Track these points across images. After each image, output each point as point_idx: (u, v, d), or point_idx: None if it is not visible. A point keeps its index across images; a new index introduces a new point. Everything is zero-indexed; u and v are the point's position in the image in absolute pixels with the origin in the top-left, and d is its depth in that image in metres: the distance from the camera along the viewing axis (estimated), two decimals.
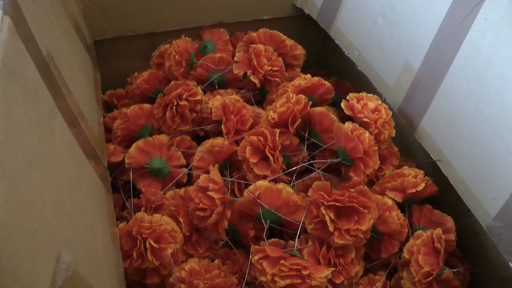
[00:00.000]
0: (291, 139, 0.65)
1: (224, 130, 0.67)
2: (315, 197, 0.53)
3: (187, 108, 0.68)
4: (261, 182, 0.55)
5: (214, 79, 0.79)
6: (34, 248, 0.28)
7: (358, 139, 0.56)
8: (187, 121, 0.70)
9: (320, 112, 0.65)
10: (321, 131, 0.66)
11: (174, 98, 0.68)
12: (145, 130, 0.72)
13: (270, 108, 0.67)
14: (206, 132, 0.74)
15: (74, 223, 0.38)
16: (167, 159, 0.68)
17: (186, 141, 0.70)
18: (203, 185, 0.55)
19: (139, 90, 0.78)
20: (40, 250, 0.29)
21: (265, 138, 0.61)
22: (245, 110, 0.69)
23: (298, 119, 0.63)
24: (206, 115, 0.72)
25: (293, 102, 0.64)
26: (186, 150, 0.70)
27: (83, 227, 0.41)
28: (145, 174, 0.68)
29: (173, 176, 0.68)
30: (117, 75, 0.85)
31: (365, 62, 0.70)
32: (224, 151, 0.65)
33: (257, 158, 0.60)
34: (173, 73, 0.78)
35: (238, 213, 0.58)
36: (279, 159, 0.60)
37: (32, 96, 0.36)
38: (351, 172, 0.59)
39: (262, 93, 0.80)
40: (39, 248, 0.29)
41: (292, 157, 0.66)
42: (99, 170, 0.56)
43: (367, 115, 0.60)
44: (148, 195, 0.64)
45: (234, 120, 0.67)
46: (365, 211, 0.51)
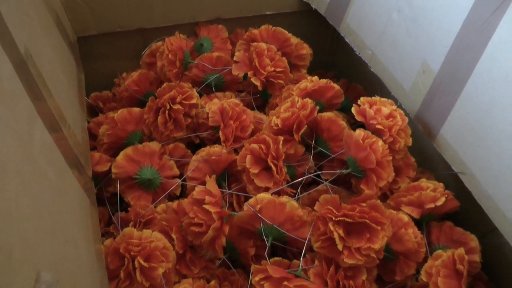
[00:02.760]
0: (296, 147, 0.65)
1: (222, 137, 0.67)
2: (323, 212, 0.53)
3: (181, 112, 0.68)
4: (263, 195, 0.55)
5: (211, 81, 0.79)
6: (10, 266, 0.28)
7: (370, 148, 0.56)
8: (181, 127, 0.70)
9: (328, 118, 0.65)
10: (329, 139, 0.66)
11: (167, 101, 0.68)
12: (134, 136, 0.72)
13: (273, 113, 0.67)
14: (202, 140, 0.74)
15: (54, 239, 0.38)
16: (159, 168, 0.68)
17: (180, 149, 0.70)
18: (198, 197, 0.55)
19: (127, 92, 0.78)
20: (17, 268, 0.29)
21: (267, 146, 0.61)
22: (245, 115, 0.70)
23: (303, 126, 0.63)
24: (202, 120, 0.72)
25: (299, 106, 0.64)
26: (180, 159, 0.70)
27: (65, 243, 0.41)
28: (134, 185, 0.68)
29: (165, 187, 0.68)
30: (103, 76, 0.85)
31: (378, 62, 0.70)
32: (221, 161, 0.65)
33: (258, 168, 0.60)
34: (166, 73, 0.78)
35: (237, 229, 0.58)
36: (282, 169, 0.60)
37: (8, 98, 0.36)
38: (363, 185, 0.58)
39: (264, 97, 0.80)
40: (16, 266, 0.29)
41: (297, 167, 0.66)
42: (82, 180, 0.56)
43: (381, 121, 0.60)
44: (137, 208, 0.64)
45: (233, 126, 0.67)
46: (378, 227, 0.51)
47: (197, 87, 0.77)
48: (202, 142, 0.74)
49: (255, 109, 0.77)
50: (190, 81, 0.79)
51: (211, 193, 0.56)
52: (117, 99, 0.83)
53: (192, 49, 0.84)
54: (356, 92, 0.88)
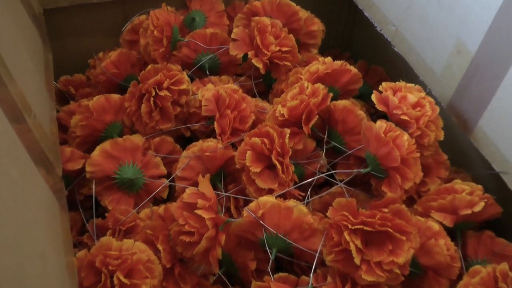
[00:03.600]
0: (305, 142, 0.65)
1: (217, 129, 0.67)
2: (337, 219, 0.52)
3: (168, 100, 0.68)
4: (266, 198, 0.55)
5: (204, 63, 0.79)
6: None
7: (394, 143, 0.56)
8: (168, 118, 0.70)
9: (344, 107, 0.65)
10: (344, 132, 0.66)
11: (152, 87, 0.68)
12: (112, 128, 0.72)
13: (277, 101, 0.67)
14: (193, 132, 0.74)
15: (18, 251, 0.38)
16: (142, 166, 0.68)
17: (168, 143, 0.70)
18: (189, 201, 0.55)
19: (104, 76, 0.78)
20: None
21: (271, 140, 0.61)
22: (245, 103, 0.69)
23: (314, 116, 0.63)
24: (194, 109, 0.72)
25: (308, 93, 0.64)
26: (168, 155, 0.70)
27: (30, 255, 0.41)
28: (112, 186, 0.67)
29: (150, 189, 0.68)
30: (75, 56, 0.85)
31: (403, 41, 0.70)
32: (217, 157, 0.65)
33: (261, 166, 0.60)
34: (151, 53, 0.78)
35: (235, 239, 0.58)
36: (289, 168, 0.60)
37: None
38: (384, 187, 0.59)
39: (267, 82, 0.80)
40: None
41: (307, 165, 0.66)
42: (51, 180, 0.55)
43: (406, 111, 0.60)
44: (117, 214, 0.64)
45: (230, 116, 0.67)
46: (403, 238, 0.51)
47: (187, 70, 0.77)
48: (193, 136, 0.74)
49: (256, 96, 0.77)
50: (180, 63, 0.78)
51: (204, 196, 0.56)
52: (92, 83, 0.83)
53: (181, 24, 0.83)
54: (377, 76, 0.88)
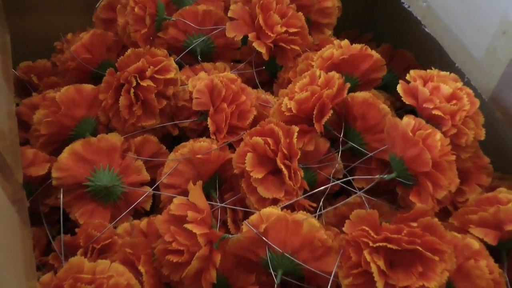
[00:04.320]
0: (317, 142, 0.65)
1: (211, 127, 0.67)
2: (355, 235, 0.52)
3: (152, 91, 0.68)
4: (270, 209, 0.55)
5: (195, 46, 0.79)
6: None
7: (424, 144, 0.56)
8: (152, 113, 0.70)
9: (364, 100, 0.65)
10: (365, 129, 0.65)
11: (132, 75, 0.68)
12: (85, 126, 0.72)
13: (284, 93, 0.67)
14: (182, 130, 0.74)
15: None
16: (121, 172, 0.68)
17: (151, 143, 0.70)
18: (177, 213, 0.55)
19: (74, 62, 0.78)
20: None
21: (276, 140, 0.61)
22: (244, 95, 0.69)
23: (328, 111, 0.63)
24: (183, 103, 0.72)
25: (321, 84, 0.64)
26: (151, 158, 0.70)
27: None
28: (84, 196, 0.68)
29: (130, 199, 0.68)
30: (37, 38, 0.85)
31: (436, 19, 0.70)
32: (211, 161, 0.65)
33: (263, 171, 0.60)
34: (131, 35, 0.78)
35: (233, 259, 0.58)
36: (297, 173, 0.60)
37: None
38: (413, 196, 0.58)
39: (271, 70, 0.79)
40: None
41: (319, 170, 0.66)
42: (9, 188, 0.55)
43: (439, 105, 0.60)
44: (89, 229, 0.63)
45: (227, 111, 0.67)
46: (435, 258, 0.50)
47: (175, 55, 0.77)
48: (182, 134, 0.74)
49: (258, 87, 0.77)
50: (166, 47, 0.78)
51: (195, 207, 0.56)
52: (59, 71, 0.83)
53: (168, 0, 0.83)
54: (404, 62, 0.88)
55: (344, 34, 0.97)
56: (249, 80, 0.79)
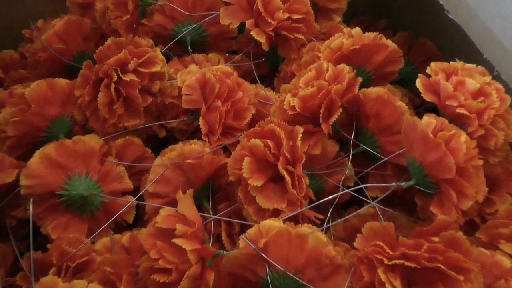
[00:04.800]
0: (325, 145, 0.65)
1: (203, 127, 0.67)
2: (368, 251, 0.52)
3: (136, 87, 0.68)
4: (270, 222, 0.54)
5: (185, 35, 0.79)
6: None
7: (447, 147, 0.56)
8: (136, 111, 0.70)
9: (378, 96, 0.65)
10: (379, 130, 0.66)
11: (113, 68, 0.68)
12: (58, 126, 0.72)
13: (286, 89, 0.67)
14: (170, 132, 0.74)
15: None
16: (99, 179, 0.68)
17: (135, 146, 0.71)
18: (165, 226, 0.55)
19: (46, 53, 0.78)
20: None
21: (278, 142, 0.61)
22: (241, 92, 0.69)
23: (337, 109, 0.63)
24: (171, 100, 0.72)
25: (329, 78, 0.64)
26: (135, 163, 0.70)
27: None
28: (57, 207, 0.68)
29: (110, 210, 0.68)
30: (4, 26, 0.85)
31: (461, 4, 0.70)
32: (203, 166, 0.65)
33: (263, 178, 0.60)
34: (111, 22, 0.78)
35: (228, 278, 0.58)
36: (302, 180, 0.60)
37: None
38: (434, 206, 0.58)
39: (272, 62, 0.80)
40: None
41: (326, 177, 0.66)
42: None
43: (465, 102, 0.60)
44: (63, 245, 0.63)
45: (221, 109, 0.67)
46: (460, 277, 0.50)
47: (162, 46, 0.77)
48: (171, 136, 0.74)
49: (257, 81, 0.77)
50: (151, 36, 0.79)
51: (185, 219, 0.56)
52: (28, 63, 0.83)
53: None
54: (425, 53, 0.88)
55: (356, 21, 0.97)
56: (247, 74, 0.79)
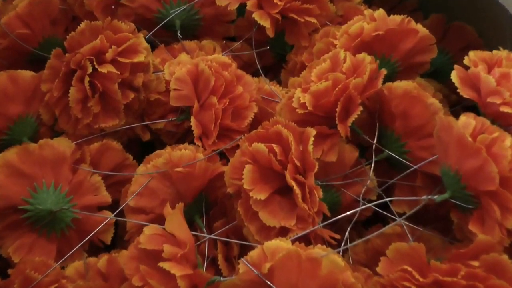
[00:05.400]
0: (342, 150, 0.65)
1: (196, 129, 0.67)
2: (394, 277, 0.52)
3: (115, 80, 0.68)
4: (276, 243, 0.54)
5: (173, 18, 0.80)
6: None
7: (489, 153, 0.56)
8: (115, 110, 0.70)
9: (406, 92, 0.65)
10: (406, 133, 0.66)
11: (88, 58, 0.68)
12: (21, 127, 0.72)
13: (296, 83, 0.67)
14: (156, 134, 0.75)
15: None
16: (71, 191, 0.68)
17: (114, 152, 0.71)
18: (150, 248, 0.55)
19: (6, 39, 0.78)
20: None
21: (285, 147, 0.61)
22: (241, 86, 0.70)
23: (357, 108, 0.63)
24: (157, 96, 0.73)
25: (347, 69, 0.64)
26: (113, 172, 0.70)
27: None
28: (20, 224, 0.67)
29: (84, 228, 0.68)
30: None
31: None
32: (195, 176, 0.65)
33: (268, 190, 0.60)
34: (84, 2, 0.78)
35: None
36: (314, 193, 0.60)
37: None
38: (473, 224, 0.58)
39: (278, 51, 0.80)
40: None
41: (344, 189, 0.66)
42: None
43: (510, 99, 0.60)
44: (28, 270, 0.63)
45: (217, 107, 0.68)
46: None
47: (146, 31, 0.77)
48: (156, 140, 0.75)
49: (261, 74, 0.77)
50: (133, 19, 0.79)
51: (174, 239, 0.56)
52: None
53: None
54: (462, 40, 0.88)
55: (379, 2, 0.97)
56: (248, 65, 0.79)
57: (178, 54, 0.75)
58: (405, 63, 0.71)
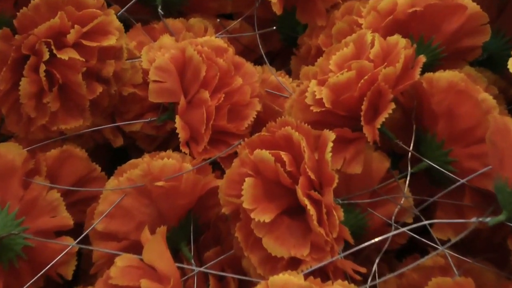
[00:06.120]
0: (369, 158, 0.65)
1: (182, 132, 0.67)
2: None
3: (78, 70, 0.68)
4: (285, 277, 0.54)
5: None
6: None
7: None
8: (78, 107, 0.70)
9: (451, 84, 0.64)
10: (452, 137, 0.65)
11: (43, 41, 0.68)
12: None
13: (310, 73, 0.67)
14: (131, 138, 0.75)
15: None
16: (22, 210, 0.68)
17: (77, 161, 0.71)
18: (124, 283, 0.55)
19: None
20: None
21: (296, 155, 0.60)
22: (240, 77, 0.70)
23: (388, 105, 0.62)
24: (132, 90, 0.73)
25: (375, 56, 0.63)
26: (76, 186, 0.70)
27: None
28: None
29: (38, 259, 0.67)
30: None
31: None
32: (181, 192, 0.65)
33: (274, 210, 0.60)
34: None
35: None
36: (333, 214, 0.59)
37: None
38: None
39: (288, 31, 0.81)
40: None
41: (371, 209, 0.66)
42: None
43: None
44: None
45: (209, 104, 0.67)
46: None
47: (118, 6, 0.78)
48: (131, 146, 0.75)
49: (265, 62, 0.77)
50: None
51: (154, 273, 0.55)
52: None
53: None
54: None
55: None
56: (249, 50, 0.80)
57: (159, 36, 0.76)
58: (450, 47, 0.71)
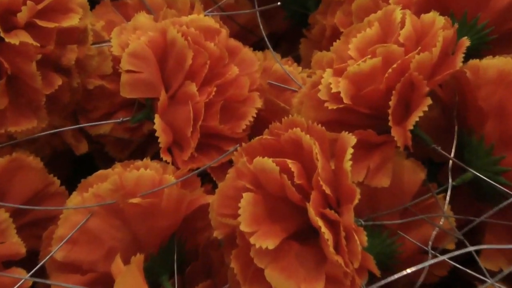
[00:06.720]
0: (400, 168, 0.63)
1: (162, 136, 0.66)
2: None
3: (32, 57, 0.67)
4: None
5: None
6: None
7: None
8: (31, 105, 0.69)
9: (502, 74, 0.63)
10: (503, 141, 0.64)
11: None
12: None
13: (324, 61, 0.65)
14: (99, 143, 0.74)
15: None
16: None
17: (30, 172, 0.69)
18: None
19: None
20: None
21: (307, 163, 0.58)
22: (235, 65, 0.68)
23: (423, 100, 0.61)
24: (100, 83, 0.72)
25: (406, 39, 0.62)
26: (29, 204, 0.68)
27: None
28: None
29: None
30: None
31: None
32: (162, 211, 0.63)
33: (279, 234, 0.58)
34: None
35: None
36: (353, 238, 0.57)
37: None
38: None
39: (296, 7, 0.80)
40: None
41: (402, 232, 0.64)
42: None
43: None
44: None
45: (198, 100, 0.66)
46: None
47: None
48: (98, 152, 0.74)
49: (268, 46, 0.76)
50: None
51: None
52: None
53: None
54: None
55: None
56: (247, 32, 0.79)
57: (133, 14, 0.74)
58: (500, 28, 0.69)
